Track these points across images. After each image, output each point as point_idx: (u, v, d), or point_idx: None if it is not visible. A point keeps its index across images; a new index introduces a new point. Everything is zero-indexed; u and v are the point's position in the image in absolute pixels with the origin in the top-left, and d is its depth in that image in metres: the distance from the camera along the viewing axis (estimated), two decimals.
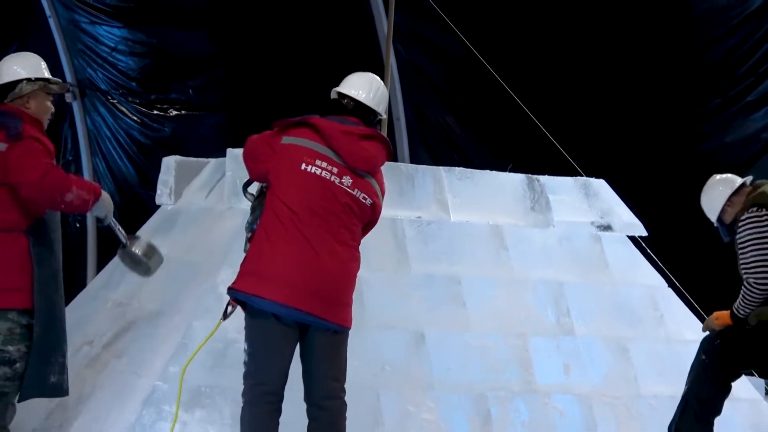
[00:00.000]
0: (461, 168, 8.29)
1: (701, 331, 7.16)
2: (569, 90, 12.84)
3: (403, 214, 7.77)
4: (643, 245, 8.64)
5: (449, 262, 7.72)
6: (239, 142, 6.65)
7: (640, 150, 12.48)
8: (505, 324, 7.57)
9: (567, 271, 8.02)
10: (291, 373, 5.93)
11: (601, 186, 8.54)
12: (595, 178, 8.61)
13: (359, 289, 6.53)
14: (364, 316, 6.79)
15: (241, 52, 15.97)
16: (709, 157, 12.36)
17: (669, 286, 8.38)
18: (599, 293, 8.00)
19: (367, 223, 6.11)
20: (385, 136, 6.22)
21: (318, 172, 5.86)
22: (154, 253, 7.13)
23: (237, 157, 7.14)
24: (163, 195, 8.59)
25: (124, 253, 7.10)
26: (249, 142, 6.16)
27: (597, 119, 12.68)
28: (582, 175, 8.84)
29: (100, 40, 17.14)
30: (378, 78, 6.29)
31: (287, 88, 14.51)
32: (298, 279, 5.74)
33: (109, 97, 17.36)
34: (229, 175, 7.42)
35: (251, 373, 5.87)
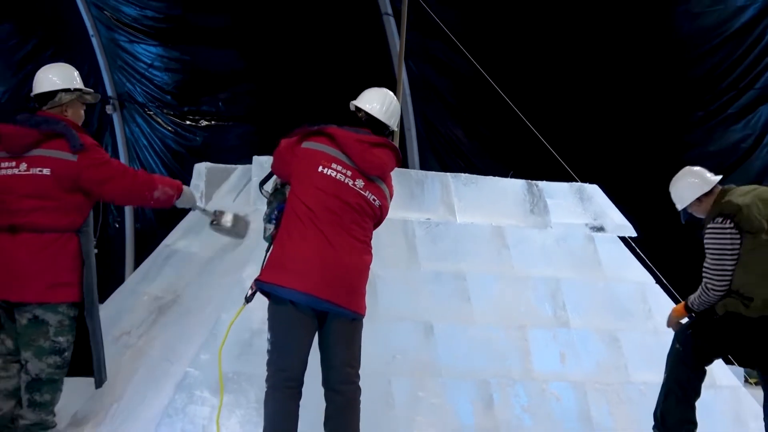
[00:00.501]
0: (467, 174, 8.27)
1: (666, 326, 7.18)
2: (566, 103, 12.84)
3: (414, 216, 7.76)
4: (633, 245, 8.62)
5: (455, 260, 7.70)
6: (264, 150, 6.68)
7: (631, 157, 12.48)
8: (506, 317, 7.56)
9: (563, 269, 8.00)
10: (310, 361, 5.94)
11: (594, 191, 8.52)
12: (589, 184, 8.58)
13: (373, 283, 6.55)
14: (377, 309, 6.78)
15: (266, 68, 15.99)
16: (694, 164, 12.26)
17: (656, 283, 8.36)
18: (593, 289, 7.97)
19: (376, 222, 6.15)
20: (395, 145, 6.25)
21: (334, 174, 5.91)
22: (240, 220, 7.29)
23: (262, 164, 7.15)
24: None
25: (216, 227, 7.29)
26: (278, 148, 6.22)
27: (591, 130, 12.68)
28: (577, 181, 8.82)
29: (138, 57, 17.17)
30: (391, 93, 6.32)
31: (309, 101, 14.52)
32: (315, 270, 5.79)
33: (146, 109, 17.40)
34: (254, 180, 7.40)
35: (274, 361, 5.89)
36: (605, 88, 12.75)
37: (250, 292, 6.03)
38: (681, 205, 7.01)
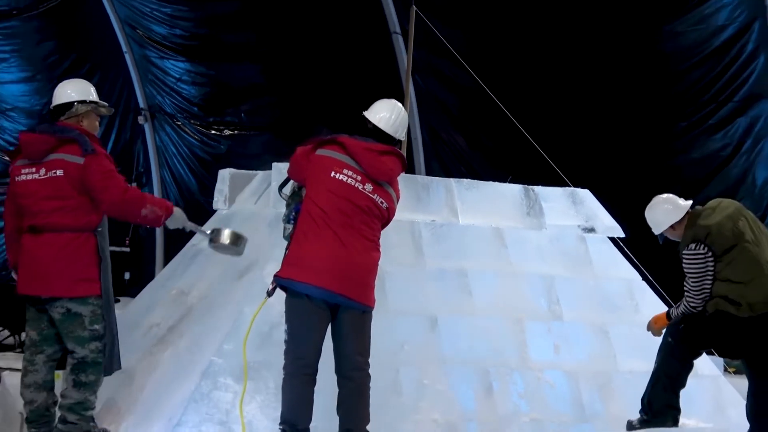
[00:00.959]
0: (468, 179, 8.26)
1: (646, 330, 7.18)
2: (560, 114, 12.83)
3: (420, 217, 7.75)
4: (622, 245, 8.60)
5: (458, 258, 7.69)
6: (283, 157, 6.67)
7: (619, 164, 12.47)
8: (504, 311, 7.54)
9: (557, 267, 7.99)
10: (324, 350, 5.95)
11: (585, 195, 8.50)
12: (581, 189, 8.57)
13: (382, 279, 6.55)
14: (386, 303, 6.78)
15: (285, 82, 16.02)
16: (678, 170, 12.32)
17: (643, 280, 8.34)
18: (584, 285, 7.96)
19: (383, 223, 6.15)
20: (401, 152, 6.26)
21: (345, 179, 5.92)
22: (237, 237, 7.02)
23: (281, 170, 7.15)
24: (219, 201, 8.61)
25: (214, 246, 7.02)
26: (294, 155, 6.23)
27: (583, 139, 12.67)
28: (570, 186, 8.81)
29: (167, 72, 17.21)
30: (400, 105, 6.33)
31: (324, 112, 14.53)
32: (328, 266, 5.81)
33: (175, 119, 17.43)
34: (274, 185, 7.40)
35: (290, 350, 5.90)
36: (597, 101, 12.76)
37: (271, 287, 6.05)
38: (657, 231, 7.02)
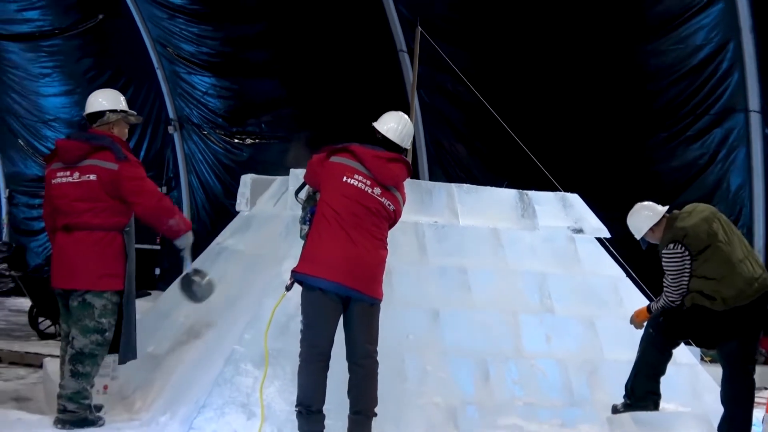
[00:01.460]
0: (468, 184, 8.25)
1: (629, 323, 7.17)
2: (552, 126, 12.83)
3: (423, 219, 7.74)
4: (607, 245, 8.58)
5: (458, 256, 7.67)
6: (300, 164, 6.67)
7: (606, 171, 12.45)
8: (500, 304, 7.52)
9: (548, 265, 7.96)
10: (336, 339, 5.95)
11: (575, 199, 8.48)
12: (570, 193, 8.55)
13: (389, 275, 6.53)
14: (392, 297, 6.76)
15: (302, 96, 16.02)
16: (659, 177, 12.30)
17: (627, 277, 8.31)
18: (573, 281, 7.93)
19: (391, 223, 6.16)
20: (407, 160, 6.29)
21: (356, 183, 5.94)
22: (211, 286, 7.06)
23: (297, 176, 7.13)
24: (241, 204, 8.60)
25: (185, 279, 7.03)
26: (309, 162, 6.23)
27: (573, 148, 12.66)
28: (560, 191, 8.78)
29: (195, 86, 17.23)
30: (406, 117, 6.36)
31: (336, 123, 14.53)
32: (341, 263, 5.83)
33: (201, 129, 17.45)
34: (291, 189, 7.40)
35: (306, 339, 5.91)
36: (586, 113, 12.75)
37: (290, 282, 6.06)
38: (638, 235, 7.03)
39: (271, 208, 8.07)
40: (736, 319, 6.55)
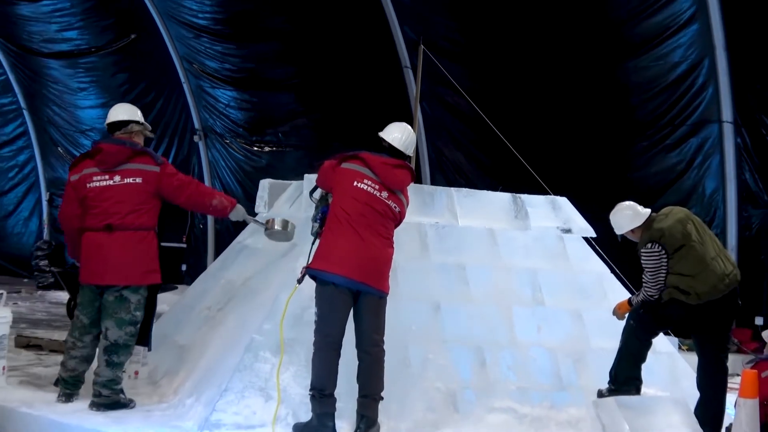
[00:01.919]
0: (467, 188, 8.25)
1: (611, 314, 7.16)
2: (543, 135, 12.82)
3: (425, 220, 7.73)
4: (593, 243, 8.56)
5: (457, 254, 7.67)
6: (314, 170, 6.68)
7: (591, 177, 12.45)
8: (496, 298, 7.52)
9: (539, 262, 7.95)
10: (346, 329, 5.95)
11: (563, 202, 8.47)
12: (560, 196, 8.54)
13: (395, 271, 6.53)
14: (397, 291, 6.76)
15: (316, 108, 16.04)
16: (640, 182, 12.29)
17: (611, 272, 8.30)
18: (562, 277, 7.92)
19: (396, 224, 6.19)
20: (411, 166, 6.30)
21: (365, 187, 5.95)
22: (287, 223, 7.00)
23: (311, 181, 7.12)
24: (259, 206, 8.60)
25: (269, 233, 7.00)
26: (321, 167, 6.24)
27: (562, 155, 12.65)
28: (550, 194, 8.77)
29: (218, 99, 17.23)
30: (409, 127, 6.38)
31: (347, 132, 14.55)
32: (351, 259, 5.85)
33: (224, 138, 17.44)
34: (305, 192, 7.41)
35: (319, 328, 5.92)
36: (574, 123, 12.76)
37: (300, 275, 6.07)
38: (619, 232, 7.02)
39: (287, 210, 8.07)
40: (709, 312, 6.56)
